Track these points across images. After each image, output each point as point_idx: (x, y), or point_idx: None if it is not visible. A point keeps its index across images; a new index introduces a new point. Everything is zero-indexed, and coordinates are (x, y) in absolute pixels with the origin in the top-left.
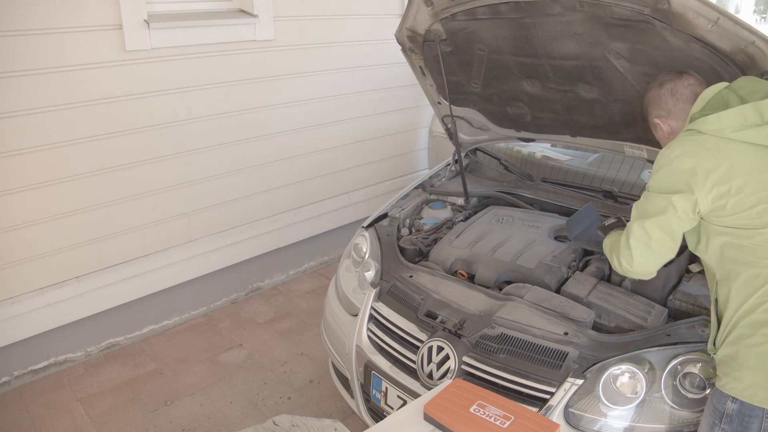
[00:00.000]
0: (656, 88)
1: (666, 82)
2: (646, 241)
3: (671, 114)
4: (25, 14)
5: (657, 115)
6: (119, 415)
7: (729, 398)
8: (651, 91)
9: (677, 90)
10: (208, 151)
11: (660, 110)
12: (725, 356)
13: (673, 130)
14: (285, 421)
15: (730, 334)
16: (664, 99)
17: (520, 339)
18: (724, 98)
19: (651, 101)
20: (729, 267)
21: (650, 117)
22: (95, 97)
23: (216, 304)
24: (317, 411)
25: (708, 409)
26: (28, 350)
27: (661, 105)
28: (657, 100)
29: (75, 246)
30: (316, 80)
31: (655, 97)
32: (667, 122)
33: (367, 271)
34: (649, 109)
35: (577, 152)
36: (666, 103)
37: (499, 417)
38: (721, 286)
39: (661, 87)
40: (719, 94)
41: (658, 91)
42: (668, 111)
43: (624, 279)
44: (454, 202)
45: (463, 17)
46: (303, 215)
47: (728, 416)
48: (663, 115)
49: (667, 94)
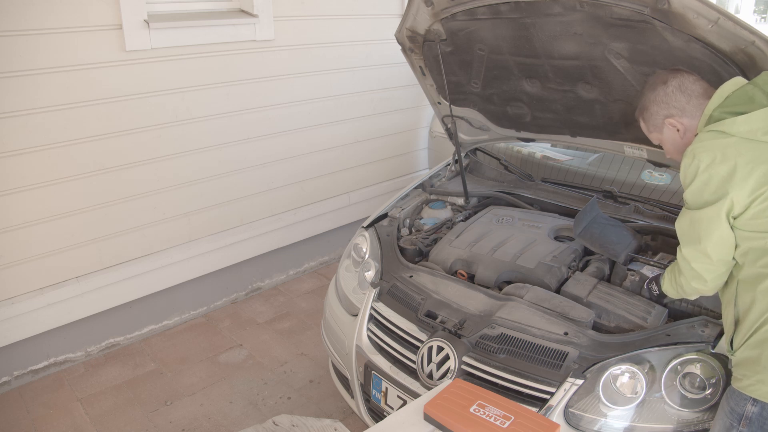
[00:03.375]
0: (660, 87)
1: (670, 78)
2: (709, 263)
3: (685, 111)
4: (25, 14)
5: (667, 115)
6: (119, 415)
7: (749, 400)
8: (653, 91)
9: (686, 86)
10: (208, 151)
11: (670, 109)
12: (745, 358)
13: (687, 129)
14: (285, 421)
15: (752, 336)
16: (674, 97)
17: (520, 339)
18: (749, 94)
19: (655, 101)
20: (754, 270)
21: (654, 119)
22: (95, 97)
23: (216, 304)
24: (317, 411)
25: (723, 410)
26: (28, 350)
27: (671, 103)
28: (665, 99)
29: (75, 246)
30: (316, 80)
31: (661, 95)
32: (680, 121)
33: (367, 271)
34: (653, 110)
35: (577, 152)
36: (677, 101)
37: (499, 417)
38: (743, 288)
39: (666, 84)
40: (743, 90)
41: (664, 89)
42: (681, 108)
43: (624, 279)
44: (454, 202)
45: (463, 17)
46: (303, 215)
47: (747, 419)
48: (675, 113)
49: (676, 91)
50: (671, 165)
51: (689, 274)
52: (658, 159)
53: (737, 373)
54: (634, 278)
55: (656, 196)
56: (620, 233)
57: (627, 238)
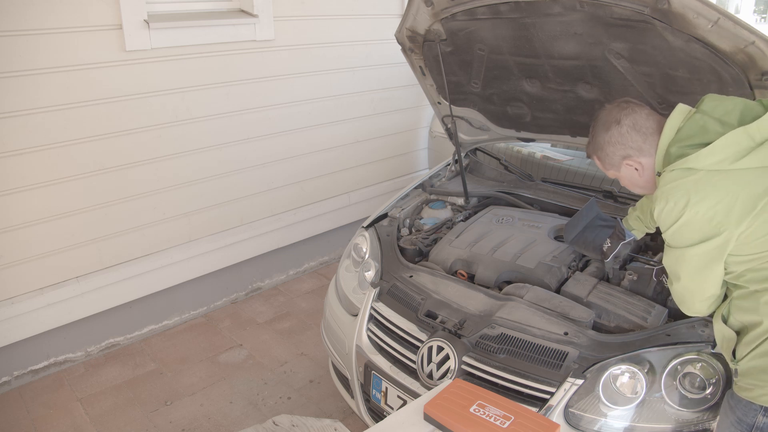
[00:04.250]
0: (614, 127)
1: (623, 117)
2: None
3: (642, 151)
4: (25, 14)
5: (624, 156)
6: (119, 415)
7: (760, 411)
8: (607, 132)
9: (639, 123)
10: (207, 151)
11: (627, 149)
12: (753, 368)
13: (645, 167)
14: (285, 421)
15: (760, 346)
16: (628, 136)
17: (520, 339)
18: (700, 124)
19: (610, 143)
20: (753, 288)
21: (611, 159)
22: (95, 97)
23: (216, 304)
24: (317, 411)
25: (730, 420)
26: (28, 350)
27: (626, 144)
28: (620, 139)
29: (75, 246)
30: (316, 80)
31: (616, 136)
32: (637, 161)
33: (367, 271)
34: (609, 151)
35: (577, 152)
36: (633, 141)
37: (499, 417)
38: (746, 300)
39: (620, 124)
40: (693, 120)
41: (618, 129)
42: (638, 149)
43: (624, 279)
44: (454, 202)
45: (463, 17)
46: (303, 215)
47: (759, 429)
48: (632, 153)
49: (630, 130)
50: None
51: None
52: None
53: (744, 383)
54: (633, 278)
55: None
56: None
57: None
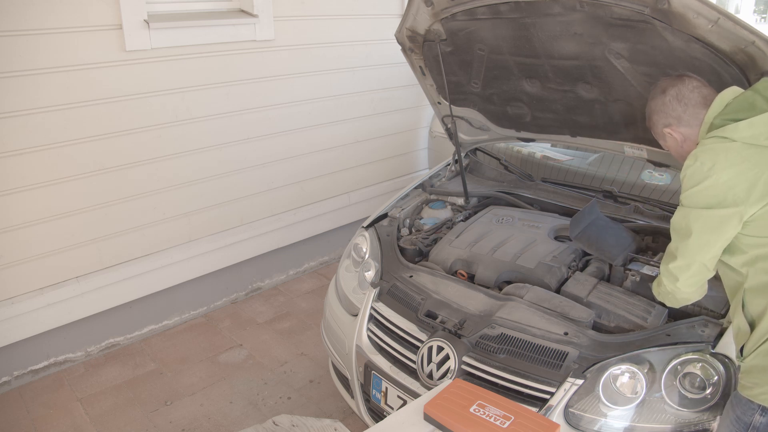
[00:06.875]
0: (659, 95)
1: (669, 87)
2: (691, 263)
3: (682, 121)
4: (25, 14)
5: (665, 124)
6: (119, 415)
7: (758, 410)
8: (653, 99)
9: (683, 94)
10: (207, 151)
11: (668, 118)
12: (755, 366)
13: (686, 137)
14: (285, 421)
15: (763, 344)
16: (670, 106)
17: (520, 339)
18: (750, 101)
19: (655, 111)
20: (763, 279)
21: (656, 128)
22: (95, 97)
23: (216, 304)
24: (317, 411)
25: (729, 418)
26: (28, 350)
27: (668, 113)
28: (662, 108)
29: (75, 246)
30: (316, 80)
31: (660, 105)
32: (677, 130)
33: (367, 271)
34: (654, 119)
35: (577, 152)
36: (674, 110)
37: (499, 417)
38: (754, 295)
39: (665, 94)
40: (743, 96)
41: (662, 98)
42: (678, 118)
43: (624, 279)
44: (454, 202)
45: (463, 17)
46: (303, 215)
47: (755, 428)
48: (672, 123)
49: (673, 100)
50: (671, 165)
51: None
52: (658, 159)
53: (746, 381)
54: (634, 278)
55: (656, 196)
56: (618, 235)
57: (625, 241)
